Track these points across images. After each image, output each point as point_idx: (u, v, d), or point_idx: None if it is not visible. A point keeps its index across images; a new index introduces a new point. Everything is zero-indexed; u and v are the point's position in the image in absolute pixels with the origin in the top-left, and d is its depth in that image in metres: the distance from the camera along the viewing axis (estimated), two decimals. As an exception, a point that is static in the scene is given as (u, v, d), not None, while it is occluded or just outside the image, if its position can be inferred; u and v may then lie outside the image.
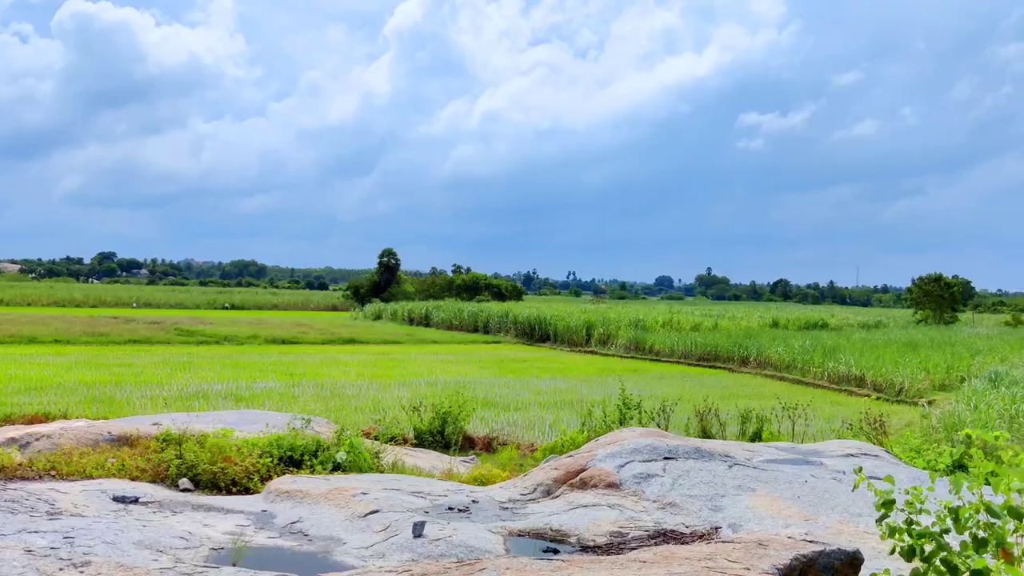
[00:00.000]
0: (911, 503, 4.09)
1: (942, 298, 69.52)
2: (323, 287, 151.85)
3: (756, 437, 16.32)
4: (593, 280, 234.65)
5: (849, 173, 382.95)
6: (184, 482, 9.03)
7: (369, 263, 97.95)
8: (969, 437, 4.46)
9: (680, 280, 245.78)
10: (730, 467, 7.03)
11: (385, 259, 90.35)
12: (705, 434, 16.63)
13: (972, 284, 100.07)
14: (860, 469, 4.59)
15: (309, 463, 9.89)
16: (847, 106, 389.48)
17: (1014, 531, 3.89)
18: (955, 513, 4.01)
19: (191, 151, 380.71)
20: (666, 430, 15.02)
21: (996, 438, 4.36)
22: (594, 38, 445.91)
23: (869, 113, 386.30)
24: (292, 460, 9.97)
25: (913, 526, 4.02)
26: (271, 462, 9.71)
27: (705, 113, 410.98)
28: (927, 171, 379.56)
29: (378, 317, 67.71)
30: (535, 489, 6.91)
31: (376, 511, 6.30)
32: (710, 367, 36.37)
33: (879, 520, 4.13)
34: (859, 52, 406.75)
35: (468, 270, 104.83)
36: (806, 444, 10.62)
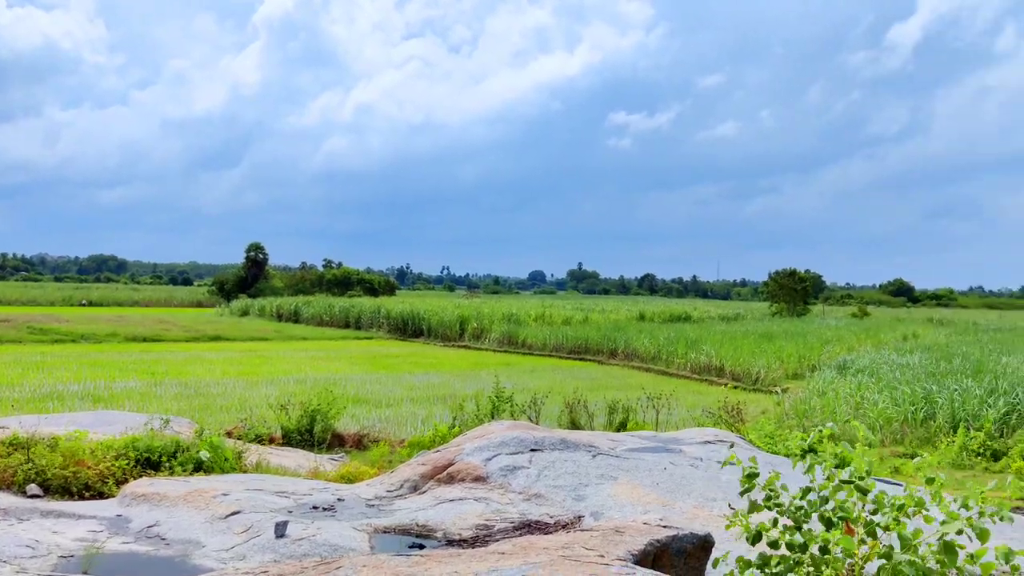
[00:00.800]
0: (771, 481, 4.32)
1: (795, 291, 73.21)
2: (187, 283, 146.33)
3: (622, 427, 16.77)
4: (467, 275, 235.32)
5: (711, 172, 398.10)
6: (32, 488, 8.54)
7: (236, 257, 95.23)
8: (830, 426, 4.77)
9: (553, 275, 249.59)
10: (594, 457, 7.22)
11: (252, 253, 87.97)
12: (574, 425, 16.98)
13: (823, 278, 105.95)
14: (733, 456, 4.84)
15: (168, 465, 9.54)
16: (710, 107, 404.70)
17: (860, 509, 4.16)
18: (806, 492, 4.26)
19: (46, 139, 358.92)
20: (537, 422, 15.26)
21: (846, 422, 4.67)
22: (467, 34, 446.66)
23: (731, 115, 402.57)
24: (150, 462, 9.60)
25: (772, 502, 4.25)
26: (127, 465, 9.31)
27: (576, 111, 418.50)
28: (783, 171, 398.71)
29: (245, 313, 65.93)
30: (402, 485, 6.90)
31: (237, 512, 6.15)
32: (580, 360, 37.11)
33: (742, 493, 4.34)
34: (722, 56, 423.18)
35: (340, 265, 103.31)
36: (667, 433, 11.00)
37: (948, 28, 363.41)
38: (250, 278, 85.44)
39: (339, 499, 6.54)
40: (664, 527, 4.41)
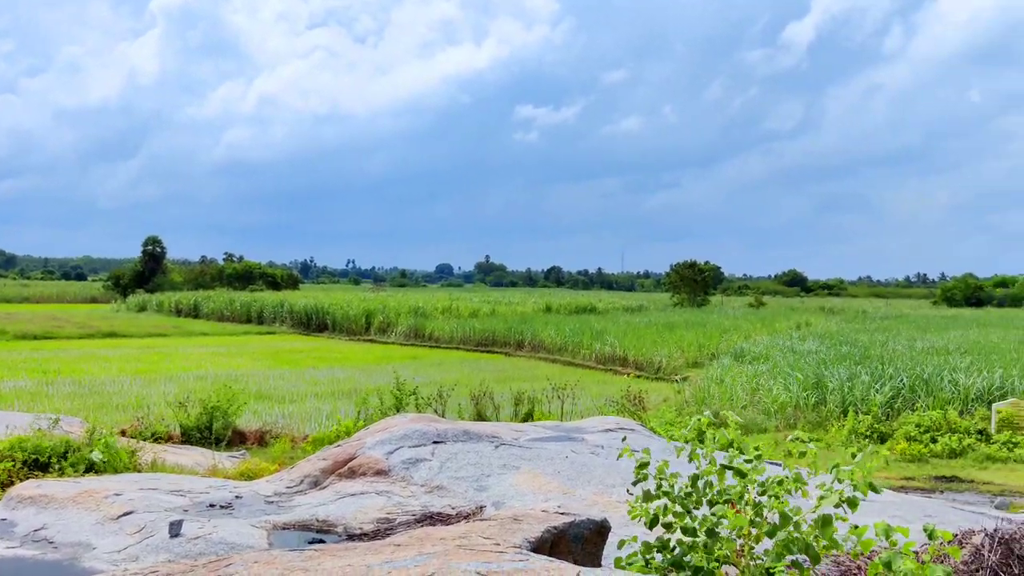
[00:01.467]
0: (661, 469, 4.45)
1: (695, 282, 75.11)
2: (81, 278, 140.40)
3: (528, 418, 16.93)
4: (374, 268, 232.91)
5: (615, 166, 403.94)
6: (-94, 496, 8.10)
7: (132, 252, 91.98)
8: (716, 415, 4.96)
9: (460, 267, 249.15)
10: (496, 447, 7.29)
11: (150, 247, 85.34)
12: (480, 417, 17.05)
13: (721, 269, 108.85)
14: (624, 441, 4.96)
15: (58, 466, 9.18)
16: (614, 102, 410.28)
17: (748, 491, 4.32)
18: (695, 479, 4.41)
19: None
20: (443, 415, 15.26)
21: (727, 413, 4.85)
22: (373, 24, 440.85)
23: (634, 110, 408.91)
24: (39, 464, 9.22)
25: (663, 489, 4.38)
26: (13, 467, 8.93)
27: (484, 104, 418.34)
28: (684, 165, 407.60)
29: (143, 309, 63.90)
30: (302, 481, 6.82)
31: (130, 512, 5.98)
32: (488, 352, 37.25)
33: (635, 482, 4.46)
34: (625, 51, 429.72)
35: (241, 259, 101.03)
36: (570, 422, 11.17)
37: (840, 28, 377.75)
38: (147, 272, 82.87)
39: (237, 496, 6.43)
40: (562, 514, 4.48)
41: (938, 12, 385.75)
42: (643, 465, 4.43)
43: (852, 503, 4.03)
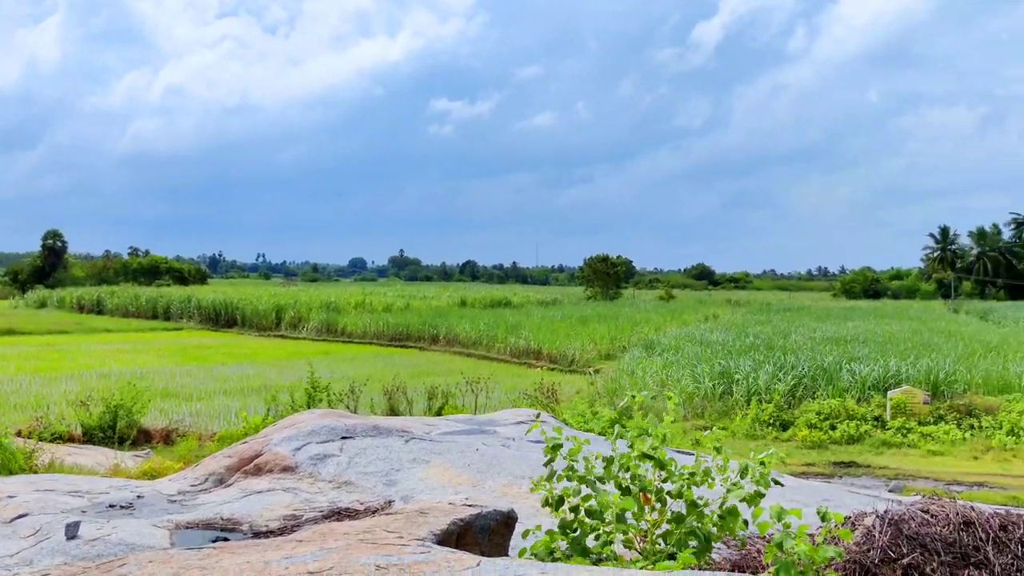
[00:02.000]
0: (573, 452, 4.53)
1: (608, 276, 76.23)
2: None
3: (441, 412, 16.94)
4: (284, 262, 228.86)
5: (529, 161, 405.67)
6: None
7: (31, 246, 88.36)
8: (633, 398, 5.10)
9: (374, 262, 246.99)
10: (407, 442, 7.29)
11: (50, 241, 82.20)
12: (393, 412, 16.98)
13: (633, 263, 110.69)
14: (537, 425, 5.03)
15: (-54, 471, 8.79)
16: (528, 97, 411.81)
17: (654, 478, 4.45)
18: (608, 461, 4.51)
19: None
20: (355, 411, 15.14)
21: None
22: (284, 14, 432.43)
23: (547, 105, 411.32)
24: (-75, 469, 8.81)
25: (575, 472, 4.47)
26: None
27: (398, 97, 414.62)
28: (596, 161, 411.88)
29: (43, 305, 61.51)
30: (207, 479, 6.70)
31: (25, 515, 5.77)
32: (402, 347, 37.06)
33: (546, 463, 4.54)
34: (539, 47, 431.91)
35: (147, 253, 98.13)
36: (483, 415, 11.23)
37: (746, 28, 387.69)
38: (48, 267, 79.80)
39: (139, 496, 6.27)
40: (469, 506, 4.52)
41: (839, 14, 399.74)
42: (556, 447, 4.52)
43: (755, 498, 4.23)
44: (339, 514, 5.67)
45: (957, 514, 4.81)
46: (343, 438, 7.16)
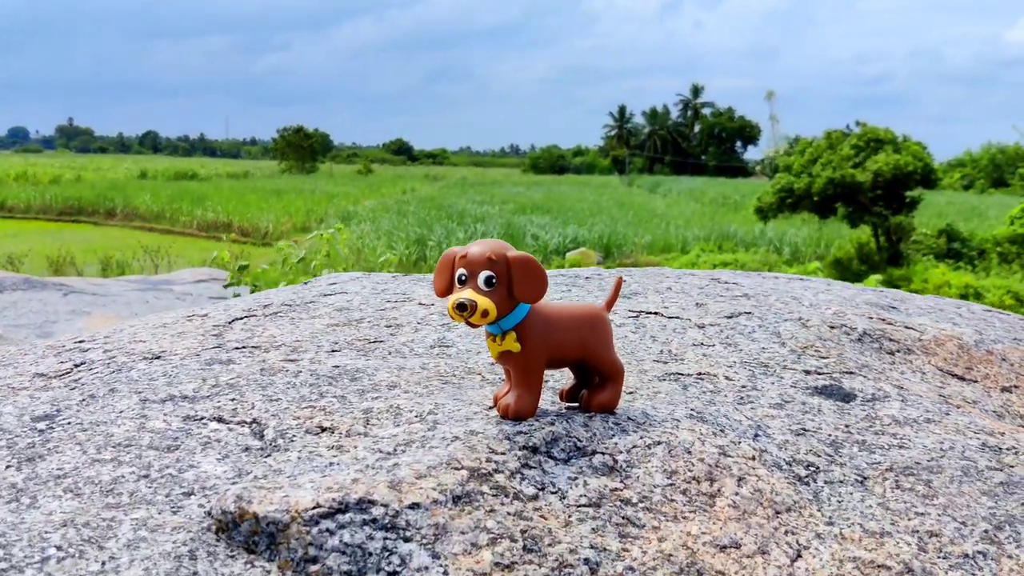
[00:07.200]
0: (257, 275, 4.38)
1: (303, 149, 73.91)
2: None
3: (118, 283, 15.78)
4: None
5: (223, 23, 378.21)
6: None
7: None
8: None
9: (38, 131, 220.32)
10: (65, 295, 6.70)
11: None
12: (61, 285, 15.56)
13: (331, 137, 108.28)
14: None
15: None
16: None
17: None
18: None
19: None
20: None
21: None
22: None
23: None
24: None
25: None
26: None
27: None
28: (295, 27, 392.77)
29: None
30: None
31: None
32: (74, 222, 33.74)
33: (227, 285, 4.35)
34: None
35: None
36: (159, 275, 10.60)
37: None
38: None
39: None
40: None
41: None
42: (242, 268, 4.36)
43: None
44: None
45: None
46: (-10, 294, 6.43)
